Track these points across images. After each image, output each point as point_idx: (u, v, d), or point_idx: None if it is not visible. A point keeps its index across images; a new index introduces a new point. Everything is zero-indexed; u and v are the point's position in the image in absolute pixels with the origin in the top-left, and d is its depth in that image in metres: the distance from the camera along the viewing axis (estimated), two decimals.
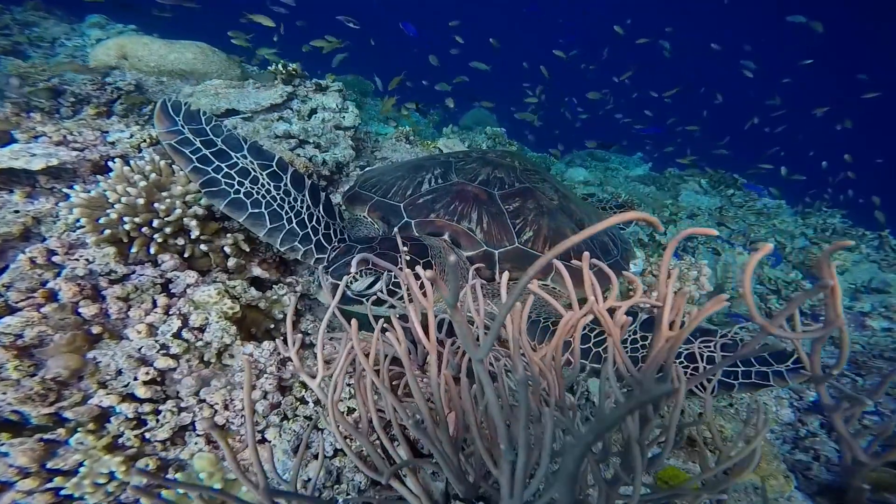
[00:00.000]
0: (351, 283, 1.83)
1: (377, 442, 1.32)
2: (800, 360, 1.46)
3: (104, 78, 3.53)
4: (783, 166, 9.68)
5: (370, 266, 1.83)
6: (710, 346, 1.85)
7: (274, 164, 2.16)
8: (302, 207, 2.16)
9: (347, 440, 1.69)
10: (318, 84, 4.39)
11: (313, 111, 4.24)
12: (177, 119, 2.01)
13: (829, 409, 0.91)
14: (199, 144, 1.99)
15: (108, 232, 1.82)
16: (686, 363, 1.84)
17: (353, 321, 1.13)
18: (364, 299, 1.89)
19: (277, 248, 2.12)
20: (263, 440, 1.89)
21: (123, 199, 1.84)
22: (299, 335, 1.96)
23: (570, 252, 2.42)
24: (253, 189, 2.05)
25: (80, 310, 1.69)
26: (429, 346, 1.06)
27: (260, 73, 4.15)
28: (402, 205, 2.39)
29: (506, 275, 1.11)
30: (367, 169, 3.91)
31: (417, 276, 1.92)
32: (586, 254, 0.97)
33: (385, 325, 1.31)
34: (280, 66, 4.32)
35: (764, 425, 0.96)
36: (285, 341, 1.64)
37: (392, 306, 1.91)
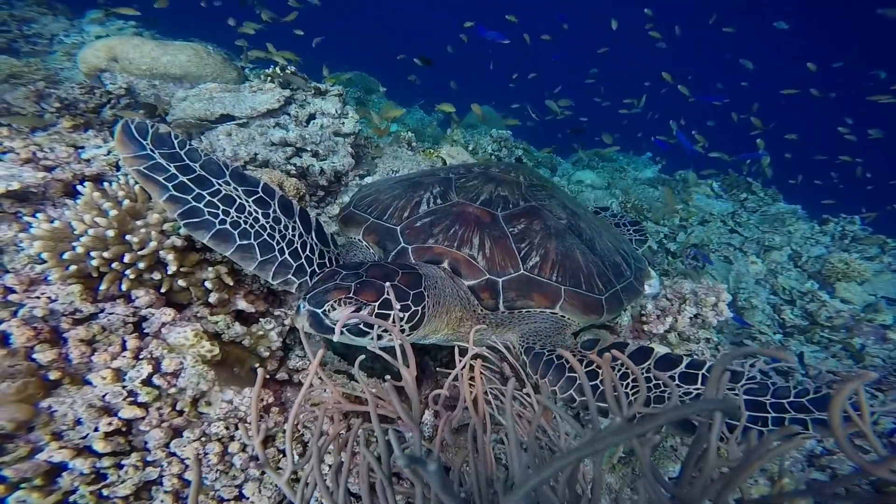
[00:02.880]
0: (329, 311, 1.65)
1: None
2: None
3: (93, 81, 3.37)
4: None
5: (350, 294, 1.65)
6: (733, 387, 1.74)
7: (260, 189, 1.98)
8: (294, 235, 1.98)
9: None
10: (318, 88, 4.19)
11: (311, 116, 4.04)
12: (144, 143, 1.79)
13: None
14: (174, 170, 1.78)
15: (73, 268, 1.65)
16: None
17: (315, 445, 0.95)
18: (344, 329, 1.71)
19: (268, 282, 1.94)
20: (241, 497, 1.74)
21: (91, 232, 1.67)
22: (263, 425, 1.79)
23: (581, 276, 2.28)
24: (240, 218, 1.85)
25: (34, 355, 1.53)
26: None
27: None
28: (398, 228, 2.24)
29: (511, 382, 0.90)
30: (365, 184, 3.72)
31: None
32: (607, 356, 0.78)
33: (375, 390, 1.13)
34: (278, 68, 4.13)
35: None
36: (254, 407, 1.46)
37: (380, 336, 1.73)
